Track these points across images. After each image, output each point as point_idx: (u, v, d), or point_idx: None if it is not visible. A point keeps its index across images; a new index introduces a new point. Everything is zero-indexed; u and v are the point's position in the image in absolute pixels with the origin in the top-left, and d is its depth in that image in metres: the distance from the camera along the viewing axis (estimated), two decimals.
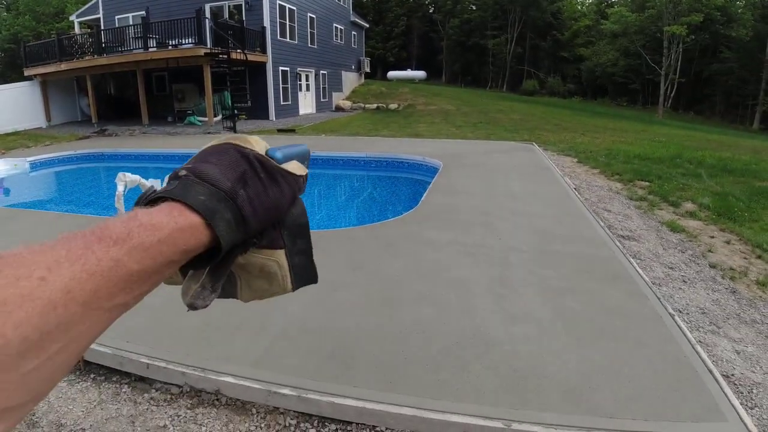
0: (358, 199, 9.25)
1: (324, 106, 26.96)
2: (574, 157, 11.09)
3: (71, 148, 14.99)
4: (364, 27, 36.21)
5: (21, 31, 40.07)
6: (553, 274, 4.15)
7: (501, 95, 40.93)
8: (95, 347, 3.19)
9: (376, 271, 4.29)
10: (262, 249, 0.56)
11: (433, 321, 3.37)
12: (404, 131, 17.05)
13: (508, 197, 6.82)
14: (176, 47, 18.36)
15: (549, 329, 3.25)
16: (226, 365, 2.93)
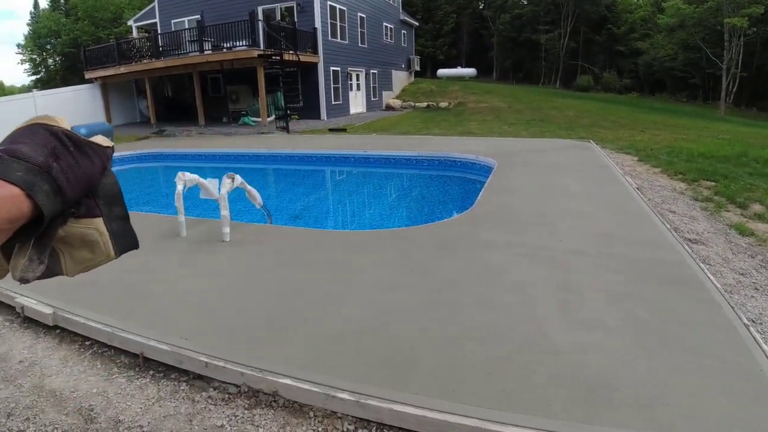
0: (411, 198, 9.20)
1: (374, 105, 27.03)
2: (634, 156, 10.71)
3: (131, 149, 15.53)
4: (413, 25, 36.12)
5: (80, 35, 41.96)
6: (619, 278, 3.99)
7: (554, 92, 39.99)
8: (155, 344, 3.28)
9: (432, 272, 4.23)
10: (81, 218, 0.60)
11: (493, 326, 3.28)
12: (455, 129, 16.90)
13: (566, 197, 6.63)
14: (230, 49, 18.78)
15: (616, 337, 3.12)
16: (284, 366, 2.93)
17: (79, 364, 3.47)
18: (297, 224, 7.29)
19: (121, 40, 23.48)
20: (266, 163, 12.86)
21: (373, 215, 8.00)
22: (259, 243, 5.31)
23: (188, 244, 5.39)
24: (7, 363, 3.59)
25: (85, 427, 2.81)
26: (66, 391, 3.16)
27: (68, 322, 3.87)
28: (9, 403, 3.10)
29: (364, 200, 9.27)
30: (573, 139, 13.27)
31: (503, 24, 51.00)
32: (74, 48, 42.44)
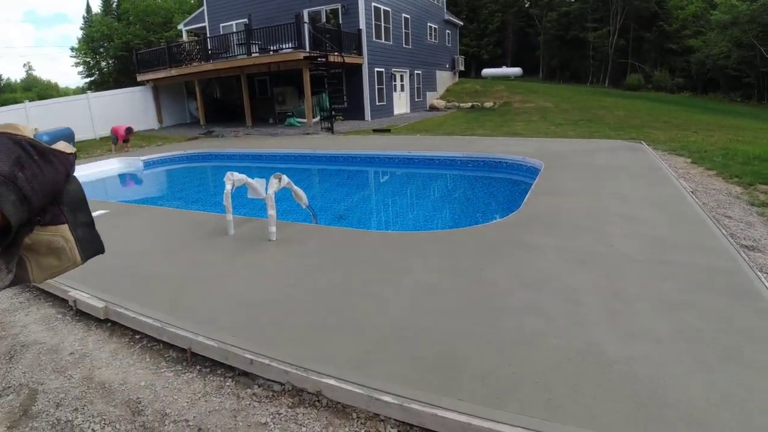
0: (455, 200, 9.10)
1: (418, 106, 26.97)
2: (687, 158, 10.31)
3: (181, 149, 15.99)
4: (458, 25, 35.88)
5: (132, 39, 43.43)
6: (672, 286, 3.82)
7: (603, 91, 38.98)
8: (202, 339, 3.33)
9: (478, 276, 4.15)
10: (47, 226, 0.61)
11: (541, 333, 3.19)
12: (500, 130, 16.67)
13: (617, 200, 6.42)
14: (277, 52, 19.09)
15: (669, 349, 2.97)
16: (328, 367, 2.93)
17: (128, 357, 3.56)
18: (341, 224, 7.32)
19: (172, 44, 24.18)
20: (311, 164, 12.99)
21: (417, 217, 7.95)
22: (305, 242, 5.35)
23: (235, 242, 5.48)
24: (59, 354, 3.71)
25: (132, 419, 2.87)
26: (115, 383, 3.24)
27: (119, 315, 3.98)
28: (59, 394, 3.20)
29: (408, 201, 9.23)
30: (623, 139, 12.88)
31: (550, 22, 50.08)
32: (126, 51, 44.03)
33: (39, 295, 4.92)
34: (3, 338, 4.13)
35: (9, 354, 3.83)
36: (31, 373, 3.50)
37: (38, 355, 3.75)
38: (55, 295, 4.75)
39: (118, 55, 46.79)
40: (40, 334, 4.10)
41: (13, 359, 3.74)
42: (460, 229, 5.76)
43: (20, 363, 3.67)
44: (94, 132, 21.74)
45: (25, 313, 4.59)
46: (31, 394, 3.25)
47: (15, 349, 3.88)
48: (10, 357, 3.78)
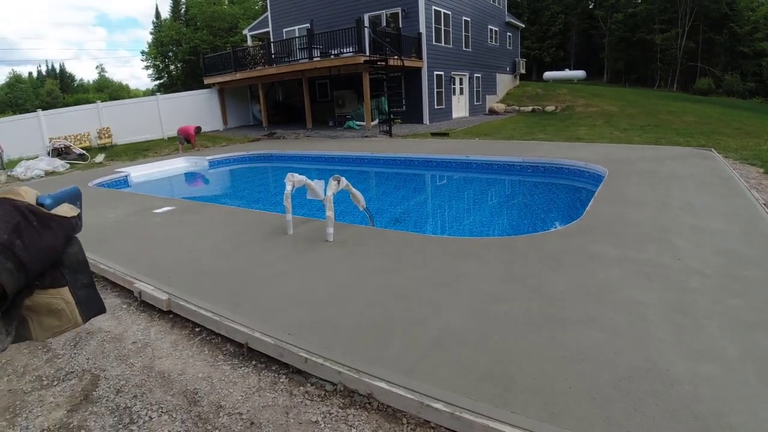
0: (514, 206, 8.90)
1: (477, 109, 26.70)
2: (761, 167, 9.72)
3: (244, 149, 16.45)
4: (519, 27, 35.32)
5: (200, 44, 45.04)
6: (743, 304, 3.59)
7: (671, 95, 37.44)
8: (259, 335, 3.39)
9: (537, 285, 4.04)
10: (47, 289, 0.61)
11: (601, 347, 3.06)
12: (562, 135, 16.26)
13: (685, 210, 6.12)
14: (338, 56, 19.35)
15: (737, 370, 2.79)
16: (381, 369, 2.92)
17: (188, 349, 3.67)
18: (397, 228, 7.32)
19: (237, 49, 24.95)
20: (369, 166, 13.06)
21: (474, 222, 7.85)
22: (362, 245, 5.37)
23: (294, 242, 5.56)
24: (122, 343, 3.87)
25: (189, 409, 2.95)
26: (174, 373, 3.34)
27: (181, 308, 4.12)
28: (119, 381, 3.33)
29: (466, 206, 9.13)
30: (692, 146, 12.29)
31: (615, 24, 48.56)
32: (193, 55, 45.73)
33: (106, 285, 5.14)
34: None
35: (74, 341, 4.01)
36: (95, 360, 3.66)
37: (102, 342, 3.91)
38: (122, 286, 4.96)
39: (186, 59, 48.66)
40: (105, 322, 4.28)
41: (77, 346, 3.92)
42: (520, 237, 5.63)
43: (84, 349, 3.84)
44: (162, 132, 22.70)
45: None
46: (93, 380, 3.40)
47: (80, 336, 4.07)
48: (75, 343, 3.96)
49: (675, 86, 46.38)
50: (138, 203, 8.69)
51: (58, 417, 3.01)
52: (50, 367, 3.66)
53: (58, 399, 3.23)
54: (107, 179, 12.45)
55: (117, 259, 5.45)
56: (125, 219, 7.51)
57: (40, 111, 20.92)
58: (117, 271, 5.05)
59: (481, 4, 26.80)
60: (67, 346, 3.93)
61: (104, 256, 5.57)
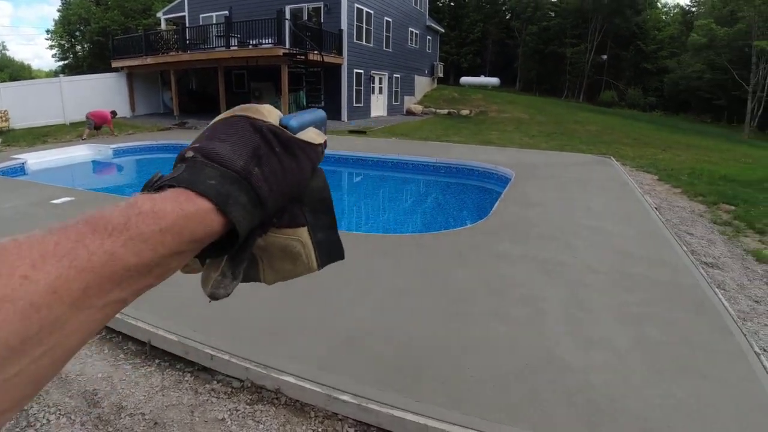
0: (427, 204, 9.15)
1: (395, 109, 27.04)
2: (655, 175, 10.58)
3: (152, 139, 15.73)
4: (439, 32, 36.12)
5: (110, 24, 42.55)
6: (632, 298, 3.91)
7: (577, 105, 39.74)
8: (163, 333, 3.28)
9: (445, 280, 4.19)
10: (282, 228, 0.52)
11: (503, 339, 3.24)
12: (475, 138, 16.84)
13: (584, 213, 6.54)
14: (256, 47, 18.91)
15: (627, 359, 3.05)
16: (289, 364, 2.92)
17: (86, 349, 3.48)
18: None
19: (150, 32, 23.76)
20: None
21: (388, 219, 7.97)
22: None
23: None
24: None
25: (89, 411, 2.81)
26: (72, 374, 3.17)
27: None
28: None
29: (381, 204, 9.25)
30: (594, 154, 13.15)
31: (530, 35, 50.86)
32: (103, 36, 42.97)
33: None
34: None
35: None
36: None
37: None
38: None
39: (95, 39, 45.69)
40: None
41: None
42: (431, 234, 5.80)
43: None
44: (65, 117, 21.17)
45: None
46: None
47: None
48: None
49: (582, 97, 49.22)
50: (35, 193, 8.10)
51: None
52: None
53: None
54: (1, 166, 11.51)
55: None
56: (21, 210, 6.99)
57: None
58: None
59: (403, 7, 27.15)
60: None
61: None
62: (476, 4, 54.90)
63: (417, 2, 29.47)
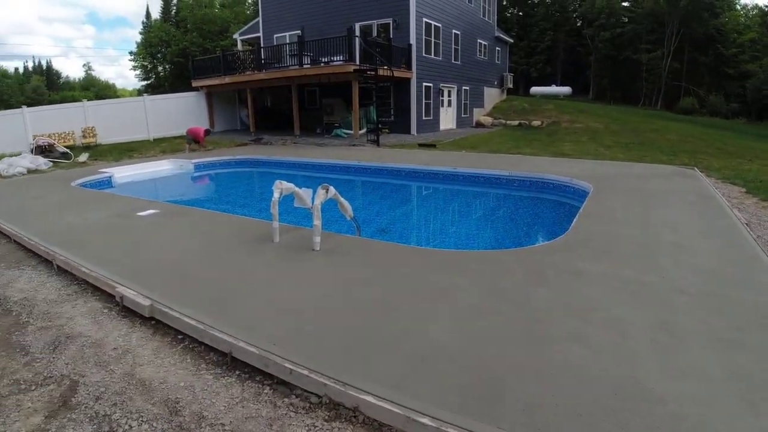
0: (500, 219, 8.94)
1: (464, 122, 26.87)
2: (742, 187, 9.91)
3: (231, 154, 16.37)
4: (508, 42, 35.69)
5: (189, 46, 44.86)
6: (725, 323, 3.64)
7: (654, 113, 38.02)
8: (244, 345, 3.35)
9: (522, 300, 4.06)
10: None
11: (585, 364, 3.08)
12: (548, 150, 16.42)
13: (668, 228, 6.20)
14: (328, 64, 19.36)
15: (719, 390, 2.82)
16: (366, 382, 2.90)
17: (170, 357, 3.62)
18: (383, 238, 7.31)
19: (227, 53, 24.90)
20: (356, 175, 13.06)
21: (460, 234, 7.87)
22: (348, 254, 5.36)
23: (280, 250, 5.53)
24: (102, 349, 3.79)
25: (170, 419, 2.90)
26: (155, 381, 3.29)
27: (164, 315, 4.06)
28: (99, 388, 3.26)
29: (452, 218, 9.16)
30: (675, 165, 12.49)
31: (602, 42, 49.27)
32: (182, 58, 45.48)
33: (87, 288, 5.07)
34: (48, 329, 4.25)
35: (53, 344, 3.93)
36: (74, 365, 3.59)
37: (82, 347, 3.84)
38: (103, 290, 4.88)
39: (175, 60, 48.36)
40: (85, 327, 4.21)
41: (56, 350, 3.84)
42: (506, 250, 5.67)
43: (64, 354, 3.76)
44: (148, 133, 22.51)
45: (72, 305, 4.72)
46: (71, 386, 3.33)
47: (59, 340, 3.99)
48: (54, 348, 3.88)
49: (659, 105, 47.12)
50: (122, 205, 8.58)
51: (35, 423, 2.95)
52: (28, 371, 3.58)
53: (36, 404, 3.16)
54: (90, 179, 12.28)
55: (98, 262, 5.37)
56: (108, 221, 7.41)
57: (24, 107, 20.66)
58: (98, 275, 4.97)
59: (471, 19, 27.06)
60: (46, 350, 3.86)
61: (85, 259, 5.49)
62: (545, 13, 53.91)
63: (485, 13, 29.28)
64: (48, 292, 5.08)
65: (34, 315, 4.56)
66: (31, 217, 8.02)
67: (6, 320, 4.54)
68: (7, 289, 5.28)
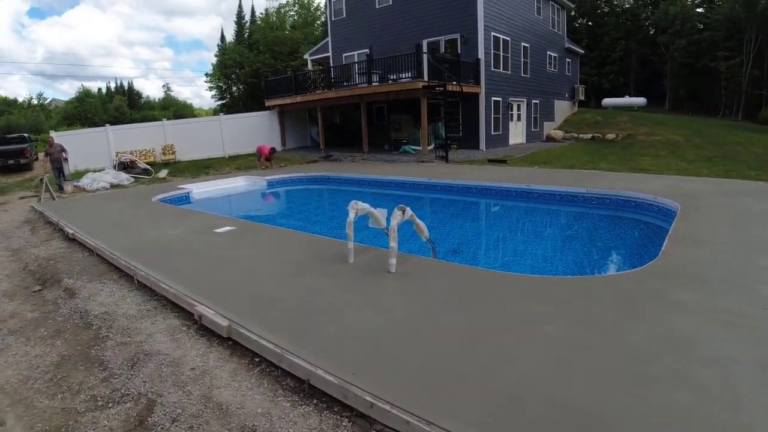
0: (579, 240, 8.46)
1: (534, 136, 26.26)
2: None
3: (302, 171, 16.68)
4: (578, 53, 34.75)
5: (261, 67, 46.49)
6: None
7: (736, 124, 35.75)
8: (322, 373, 3.26)
9: (614, 333, 3.75)
10: None
11: (692, 410, 2.77)
12: (625, 165, 15.71)
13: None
14: (396, 81, 19.47)
15: None
16: (454, 422, 2.71)
17: (247, 380, 3.57)
18: (455, 259, 7.11)
19: (298, 73, 25.65)
20: (426, 192, 12.92)
21: (535, 256, 7.54)
22: (426, 277, 5.20)
23: (356, 271, 5.46)
24: (180, 368, 3.80)
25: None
26: (233, 406, 3.24)
27: (241, 336, 4.04)
28: (176, 409, 3.25)
29: (526, 238, 8.81)
30: (765, 181, 11.60)
31: (678, 50, 46.97)
32: (255, 78, 47.20)
33: (166, 304, 5.17)
34: (127, 344, 4.32)
35: (132, 360, 3.98)
36: (151, 383, 3.60)
37: (160, 365, 3.86)
38: (181, 307, 4.95)
39: (248, 81, 50.20)
40: (164, 344, 4.25)
41: (135, 367, 3.88)
42: (592, 277, 5.37)
43: (141, 371, 3.80)
44: (224, 151, 23.41)
45: (152, 321, 4.81)
46: (148, 405, 3.33)
47: (138, 357, 4.04)
48: (132, 364, 3.93)
49: (740, 115, 44.35)
50: (199, 221, 8.83)
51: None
52: (106, 387, 3.63)
53: (112, 422, 3.18)
54: (170, 195, 12.80)
55: (177, 278, 5.48)
56: (187, 237, 7.62)
57: (108, 125, 21.99)
58: (177, 292, 5.06)
59: (540, 31, 26.53)
60: (125, 366, 3.91)
61: (165, 275, 5.62)
62: (616, 22, 52.06)
63: (554, 24, 28.64)
64: (128, 307, 5.22)
65: (113, 330, 4.67)
66: (114, 231, 8.37)
67: (86, 334, 4.67)
68: (88, 302, 5.46)
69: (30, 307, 5.64)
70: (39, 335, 4.80)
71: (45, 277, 6.67)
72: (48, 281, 6.48)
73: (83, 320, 5.01)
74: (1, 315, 5.47)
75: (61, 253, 7.76)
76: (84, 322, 4.95)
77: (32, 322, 5.16)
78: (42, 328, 4.95)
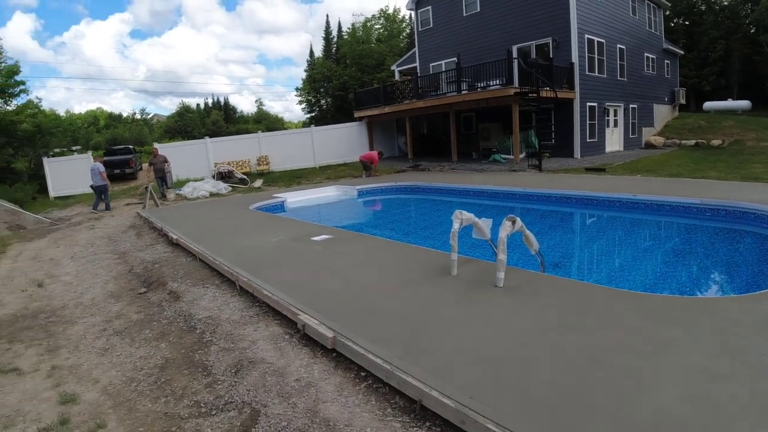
0: (695, 255, 7.76)
1: (632, 143, 24.90)
2: None
3: (391, 180, 16.73)
4: (678, 54, 32.73)
5: (348, 80, 47.47)
6: None
7: None
8: (436, 395, 3.07)
9: (760, 363, 3.29)
10: None
11: None
12: (736, 173, 14.47)
13: None
14: (485, 89, 19.12)
15: None
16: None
17: (353, 396, 3.45)
18: (556, 272, 6.72)
19: (386, 84, 25.97)
20: (520, 202, 12.48)
21: (646, 272, 7.00)
22: (536, 293, 4.89)
23: (460, 284, 5.27)
24: (285, 378, 3.72)
25: None
26: (340, 423, 3.12)
27: (347, 348, 3.93)
28: (281, 421, 3.15)
29: (635, 252, 8.21)
30: None
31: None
32: (342, 91, 48.31)
33: (268, 311, 5.19)
34: (231, 350, 4.33)
35: (236, 367, 3.97)
36: (256, 392, 3.55)
37: (264, 374, 3.81)
38: (283, 315, 4.94)
39: (336, 94, 51.42)
40: (267, 352, 4.22)
41: (239, 373, 3.86)
42: (724, 297, 4.85)
43: (246, 379, 3.76)
44: (315, 161, 24.07)
45: (254, 327, 4.82)
46: (253, 415, 3.26)
47: (242, 364, 4.02)
48: (236, 371, 3.91)
49: None
50: (296, 229, 8.97)
51: None
52: (210, 393, 3.62)
53: (215, 431, 3.15)
54: (266, 203, 13.20)
55: (280, 286, 5.52)
56: (286, 245, 7.73)
57: (207, 138, 23.26)
58: (281, 300, 5.06)
59: (636, 31, 25.22)
60: (228, 372, 3.91)
61: (266, 281, 5.68)
62: (714, 20, 48.46)
63: (651, 25, 27.14)
64: (231, 313, 5.28)
65: (217, 335, 4.72)
66: (215, 238, 8.66)
67: (190, 337, 4.75)
68: (192, 306, 5.59)
69: (135, 309, 5.87)
70: (144, 337, 4.95)
71: (150, 279, 6.96)
72: (153, 284, 6.75)
73: (187, 324, 5.11)
74: (107, 315, 5.71)
75: (165, 257, 8.10)
76: (188, 326, 5.05)
77: (137, 324, 5.34)
78: (147, 330, 5.10)
